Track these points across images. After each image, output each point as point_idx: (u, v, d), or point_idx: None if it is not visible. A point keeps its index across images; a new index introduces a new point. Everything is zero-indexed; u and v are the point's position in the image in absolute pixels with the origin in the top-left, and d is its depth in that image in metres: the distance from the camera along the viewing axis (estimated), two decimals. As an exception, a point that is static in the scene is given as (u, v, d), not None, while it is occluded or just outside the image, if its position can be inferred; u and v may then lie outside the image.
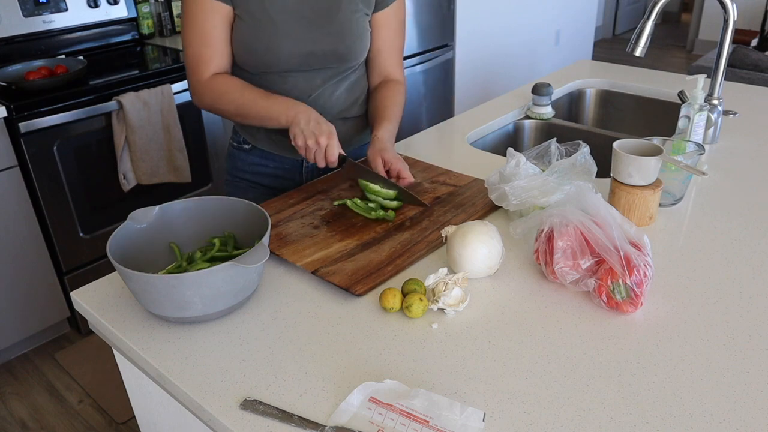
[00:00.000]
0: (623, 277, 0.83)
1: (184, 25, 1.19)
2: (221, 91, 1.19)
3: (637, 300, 0.84)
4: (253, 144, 1.33)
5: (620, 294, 0.85)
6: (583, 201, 0.91)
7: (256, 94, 1.18)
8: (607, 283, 0.85)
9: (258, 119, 1.19)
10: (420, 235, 1.05)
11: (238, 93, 1.18)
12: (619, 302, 0.85)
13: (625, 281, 0.83)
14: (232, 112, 1.20)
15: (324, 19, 1.19)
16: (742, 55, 3.12)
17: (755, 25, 5.32)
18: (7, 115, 1.94)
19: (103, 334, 0.92)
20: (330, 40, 1.20)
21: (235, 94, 1.19)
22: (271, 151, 1.33)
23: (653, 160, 1.04)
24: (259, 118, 1.19)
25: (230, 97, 1.19)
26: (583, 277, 0.88)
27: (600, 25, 6.58)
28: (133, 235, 0.92)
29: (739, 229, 1.07)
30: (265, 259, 0.80)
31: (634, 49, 1.37)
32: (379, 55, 1.33)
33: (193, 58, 1.19)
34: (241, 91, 1.19)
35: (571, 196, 0.95)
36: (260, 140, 1.32)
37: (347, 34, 1.22)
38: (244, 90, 1.19)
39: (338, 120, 1.30)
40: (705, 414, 0.69)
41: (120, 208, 2.30)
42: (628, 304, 0.85)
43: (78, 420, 2.00)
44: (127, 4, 2.65)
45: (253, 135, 1.33)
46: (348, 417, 0.70)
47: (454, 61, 3.47)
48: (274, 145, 1.32)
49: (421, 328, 0.85)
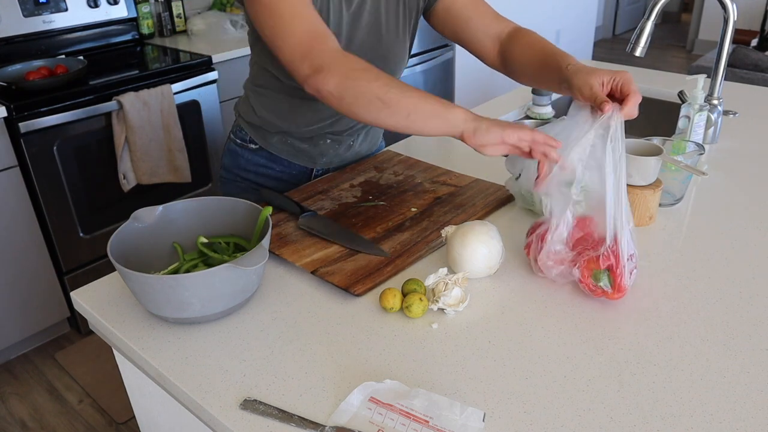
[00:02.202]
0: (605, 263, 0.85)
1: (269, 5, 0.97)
2: (360, 63, 0.94)
3: (620, 285, 0.85)
4: (263, 146, 1.29)
5: (603, 281, 0.86)
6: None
7: (401, 82, 0.94)
8: (589, 271, 0.86)
9: (409, 110, 0.91)
10: (420, 235, 1.05)
11: (379, 72, 0.94)
12: (605, 289, 0.86)
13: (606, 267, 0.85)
14: (374, 91, 0.91)
15: (373, 44, 1.15)
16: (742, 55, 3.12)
17: (755, 25, 5.31)
18: (7, 115, 1.94)
19: (103, 334, 0.92)
20: (377, 65, 1.02)
21: (375, 71, 0.94)
22: (283, 156, 1.30)
23: (653, 160, 1.04)
24: (414, 110, 0.91)
25: (373, 72, 0.93)
26: (567, 269, 0.89)
27: (600, 25, 6.58)
28: (134, 234, 0.92)
29: (739, 229, 1.07)
30: (264, 261, 0.80)
31: (634, 49, 1.37)
32: (471, 23, 1.15)
33: (306, 34, 0.96)
34: (381, 72, 0.94)
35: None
36: (273, 145, 1.28)
37: (394, 57, 1.19)
38: (384, 73, 0.94)
39: (363, 130, 1.32)
40: (705, 414, 0.69)
41: (120, 208, 2.30)
42: (613, 291, 0.86)
43: (78, 420, 2.00)
44: (127, 4, 2.65)
45: (264, 138, 1.28)
46: (348, 417, 0.70)
47: (454, 61, 3.47)
48: (287, 151, 1.29)
49: (421, 328, 0.85)
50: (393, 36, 1.17)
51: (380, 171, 1.30)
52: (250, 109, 1.28)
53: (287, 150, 1.29)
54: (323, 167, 1.34)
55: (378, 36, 1.15)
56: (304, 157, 1.30)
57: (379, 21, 1.14)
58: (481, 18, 1.15)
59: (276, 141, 1.28)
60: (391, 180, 1.25)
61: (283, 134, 1.27)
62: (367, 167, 1.32)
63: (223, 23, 2.76)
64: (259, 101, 1.25)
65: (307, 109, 1.22)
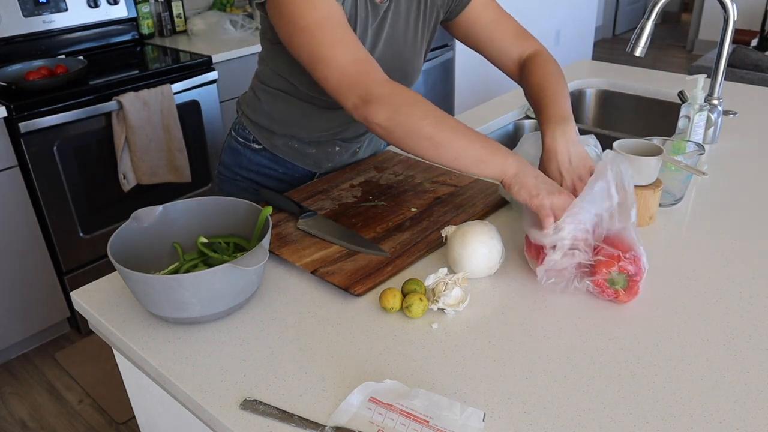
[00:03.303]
0: (623, 267, 0.85)
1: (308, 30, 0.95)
2: (409, 96, 0.92)
3: (634, 289, 0.86)
4: (267, 147, 1.28)
5: (619, 284, 0.86)
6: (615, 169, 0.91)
7: (451, 119, 0.93)
8: (605, 273, 0.86)
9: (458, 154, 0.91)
10: (420, 235, 1.05)
11: (429, 106, 0.92)
12: (618, 291, 0.87)
13: (625, 270, 0.85)
14: (425, 130, 0.90)
15: (392, 57, 1.15)
16: (742, 55, 3.12)
17: (755, 25, 5.31)
18: (7, 115, 1.94)
19: (103, 334, 0.92)
20: (395, 77, 1.03)
21: (424, 106, 0.92)
22: (287, 159, 1.29)
23: (653, 160, 1.04)
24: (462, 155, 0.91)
25: (422, 108, 0.92)
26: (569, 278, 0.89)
27: (600, 25, 6.58)
28: (134, 234, 0.92)
29: (739, 229, 1.07)
30: (263, 262, 0.80)
31: (634, 49, 1.37)
32: (494, 44, 1.16)
33: (351, 63, 0.94)
34: (430, 106, 0.93)
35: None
36: (278, 147, 1.27)
37: (411, 69, 1.19)
38: (433, 107, 0.93)
39: (369, 136, 1.34)
40: (705, 414, 0.69)
41: (120, 208, 2.30)
42: (626, 294, 0.87)
43: (78, 420, 2.00)
44: (127, 4, 2.65)
45: (269, 139, 1.26)
46: (348, 417, 0.70)
47: (454, 61, 3.47)
48: (292, 154, 1.28)
49: (421, 328, 0.85)
50: (411, 49, 1.17)
51: (380, 171, 1.30)
52: (257, 109, 1.25)
53: (292, 153, 1.28)
54: (327, 171, 1.33)
55: (397, 49, 1.15)
56: (309, 161, 1.29)
57: (398, 34, 1.14)
58: (503, 39, 1.16)
59: (281, 143, 1.27)
60: (391, 180, 1.25)
61: (289, 137, 1.26)
62: (367, 167, 1.32)
63: (223, 23, 2.76)
64: (269, 103, 1.23)
65: (321, 116, 1.21)
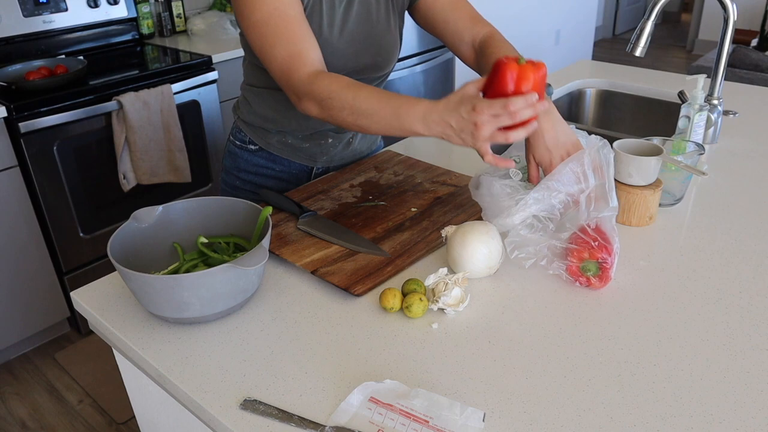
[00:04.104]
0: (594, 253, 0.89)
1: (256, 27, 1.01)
2: (327, 89, 0.96)
3: (606, 275, 0.89)
4: (263, 147, 1.30)
5: (591, 270, 0.89)
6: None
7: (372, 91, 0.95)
8: (578, 261, 0.90)
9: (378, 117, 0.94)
10: (420, 235, 1.05)
11: (345, 94, 0.95)
12: (590, 279, 0.90)
13: (597, 258, 0.88)
14: (348, 120, 0.96)
15: (365, 34, 1.17)
16: (742, 55, 3.12)
17: (755, 25, 5.32)
18: (7, 115, 1.94)
19: (103, 334, 0.92)
20: (371, 53, 1.17)
21: (343, 93, 0.95)
22: (283, 156, 1.30)
23: (653, 160, 1.04)
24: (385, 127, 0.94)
25: (342, 96, 0.95)
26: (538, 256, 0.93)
27: (600, 25, 6.58)
28: (134, 234, 0.92)
29: (739, 229, 1.07)
30: (263, 262, 0.80)
31: (634, 49, 1.37)
32: (448, 26, 1.16)
33: (285, 59, 1.00)
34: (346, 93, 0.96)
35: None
36: (272, 145, 1.29)
37: (385, 46, 1.20)
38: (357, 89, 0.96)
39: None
40: (705, 414, 0.69)
41: (120, 208, 2.30)
42: (598, 280, 0.90)
43: (78, 420, 2.00)
44: (127, 4, 2.65)
45: (263, 138, 1.29)
46: (348, 417, 0.70)
47: (454, 61, 3.47)
48: (287, 150, 1.29)
49: (421, 328, 0.85)
50: (383, 27, 1.19)
51: (380, 171, 1.30)
52: (247, 110, 1.28)
53: (287, 149, 1.29)
54: (323, 165, 1.34)
55: (368, 26, 1.17)
56: (304, 155, 1.30)
57: (369, 11, 1.16)
58: (458, 21, 1.16)
59: (275, 141, 1.29)
60: (391, 180, 1.25)
61: (283, 134, 1.27)
62: (367, 167, 1.32)
63: (223, 23, 2.76)
64: (256, 100, 1.26)
65: None
